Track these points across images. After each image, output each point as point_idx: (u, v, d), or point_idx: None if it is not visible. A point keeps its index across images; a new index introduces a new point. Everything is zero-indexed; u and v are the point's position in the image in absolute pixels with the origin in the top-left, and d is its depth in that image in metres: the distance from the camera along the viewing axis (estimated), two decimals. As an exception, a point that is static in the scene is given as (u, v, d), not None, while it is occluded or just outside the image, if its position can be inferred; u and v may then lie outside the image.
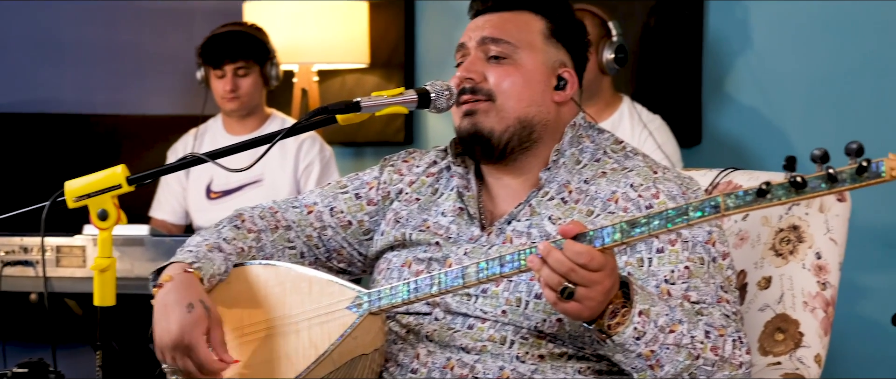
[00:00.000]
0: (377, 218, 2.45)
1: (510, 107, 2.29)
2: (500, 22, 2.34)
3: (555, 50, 2.35)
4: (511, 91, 2.29)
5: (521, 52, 2.31)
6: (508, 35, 2.32)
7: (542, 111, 2.31)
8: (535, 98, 2.31)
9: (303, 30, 4.84)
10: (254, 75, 4.42)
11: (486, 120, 2.29)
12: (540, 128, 2.31)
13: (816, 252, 2.40)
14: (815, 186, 1.74)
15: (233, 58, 4.36)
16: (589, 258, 1.92)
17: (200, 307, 2.14)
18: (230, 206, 4.26)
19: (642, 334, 2.00)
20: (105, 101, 5.41)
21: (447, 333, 2.24)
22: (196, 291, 2.17)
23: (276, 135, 2.17)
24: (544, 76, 2.32)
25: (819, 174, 1.74)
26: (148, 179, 2.18)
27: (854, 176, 1.71)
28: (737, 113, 4.58)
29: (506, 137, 2.29)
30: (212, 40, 4.40)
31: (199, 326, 2.13)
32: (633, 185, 2.25)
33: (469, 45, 2.35)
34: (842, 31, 4.39)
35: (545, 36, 2.35)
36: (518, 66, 2.31)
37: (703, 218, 1.84)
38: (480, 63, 2.32)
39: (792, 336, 2.35)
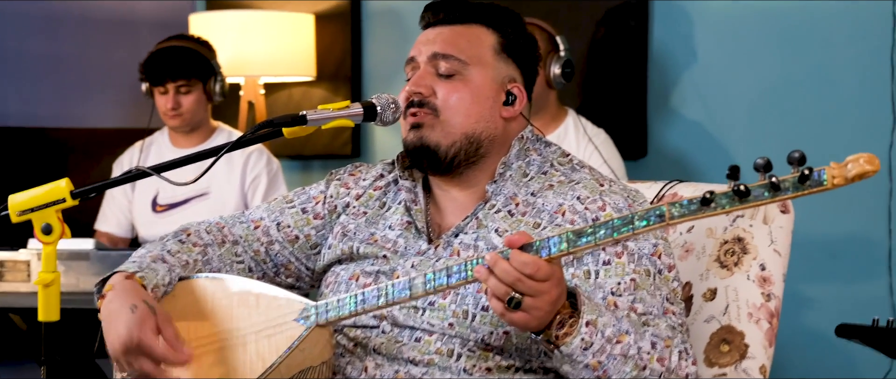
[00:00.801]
0: (324, 232, 2.44)
1: (457, 122, 2.29)
2: (452, 36, 2.34)
3: (505, 65, 2.35)
4: (459, 107, 2.29)
5: (471, 69, 2.31)
6: (459, 51, 2.32)
7: (490, 127, 2.32)
8: (482, 114, 2.31)
9: (249, 42, 4.82)
10: (196, 92, 4.39)
11: (433, 134, 2.30)
12: (487, 143, 2.32)
13: (761, 264, 2.42)
14: (758, 195, 1.76)
15: (174, 76, 4.33)
16: (535, 268, 1.93)
17: (144, 306, 2.13)
18: (176, 219, 4.25)
19: (590, 345, 2.01)
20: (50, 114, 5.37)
21: (395, 345, 2.24)
22: (138, 293, 2.16)
23: (222, 148, 2.17)
24: (493, 92, 2.33)
25: (762, 183, 1.76)
26: (92, 193, 2.16)
27: (796, 184, 1.73)
28: (682, 126, 4.61)
29: (452, 152, 2.30)
30: (154, 57, 4.37)
31: (147, 323, 2.11)
32: (580, 198, 2.26)
33: (419, 59, 2.34)
34: (785, 44, 4.43)
35: (496, 51, 2.34)
36: (467, 82, 2.31)
37: (649, 227, 1.86)
38: (430, 77, 2.32)
39: (737, 347, 2.37)
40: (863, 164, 1.69)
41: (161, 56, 4.36)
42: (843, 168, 1.70)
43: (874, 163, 1.68)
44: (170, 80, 4.33)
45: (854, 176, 1.69)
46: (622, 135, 4.47)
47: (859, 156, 1.69)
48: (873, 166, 1.68)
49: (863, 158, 1.69)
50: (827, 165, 1.71)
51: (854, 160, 1.69)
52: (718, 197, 1.79)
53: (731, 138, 4.53)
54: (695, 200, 1.80)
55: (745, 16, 4.49)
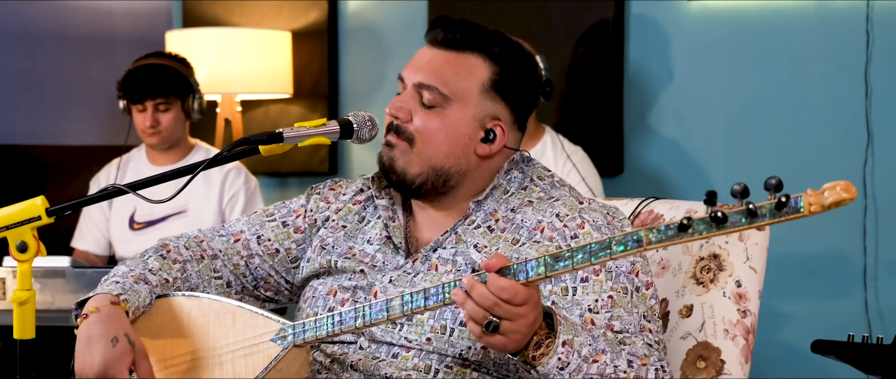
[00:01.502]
0: (304, 246, 2.44)
1: (427, 155, 2.28)
2: (442, 65, 2.29)
3: (491, 103, 2.31)
4: (432, 139, 2.28)
5: (452, 104, 2.27)
6: (443, 84, 2.28)
7: (461, 163, 2.30)
8: (454, 150, 2.29)
9: (226, 60, 4.82)
10: (175, 110, 4.38)
11: (400, 159, 2.29)
12: (456, 177, 2.30)
13: (737, 280, 2.42)
14: (735, 221, 1.76)
15: (153, 94, 4.32)
16: (513, 293, 1.93)
17: (125, 341, 2.12)
18: (154, 236, 4.23)
19: (566, 364, 2.01)
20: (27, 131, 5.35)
21: (372, 362, 2.23)
22: (121, 324, 2.15)
23: (199, 165, 2.17)
24: (470, 130, 2.29)
25: (739, 209, 1.76)
26: (68, 211, 2.16)
27: (773, 211, 1.73)
28: (658, 143, 4.62)
29: (419, 181, 2.29)
30: (132, 74, 4.35)
31: (124, 360, 2.11)
32: (559, 215, 2.26)
33: (407, 81, 2.32)
34: (759, 63, 4.45)
35: (484, 88, 2.30)
36: (444, 116, 2.28)
37: (626, 252, 1.86)
38: (411, 101, 2.30)
39: (713, 364, 2.38)
40: (839, 192, 1.69)
41: (139, 74, 4.35)
42: (820, 196, 1.70)
43: (851, 191, 1.69)
44: (148, 98, 4.32)
45: (830, 204, 1.70)
46: (599, 152, 4.48)
47: (836, 184, 1.70)
48: (850, 194, 1.69)
49: (839, 186, 1.69)
50: (804, 192, 1.72)
51: (831, 188, 1.70)
52: (696, 223, 1.79)
53: (707, 156, 4.55)
54: (672, 226, 1.80)
55: (720, 35, 4.51)
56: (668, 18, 4.57)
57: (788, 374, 4.39)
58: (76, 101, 5.34)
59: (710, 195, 1.77)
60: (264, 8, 5.16)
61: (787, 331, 4.39)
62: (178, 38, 4.88)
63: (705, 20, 4.51)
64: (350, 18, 5.09)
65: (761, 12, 4.42)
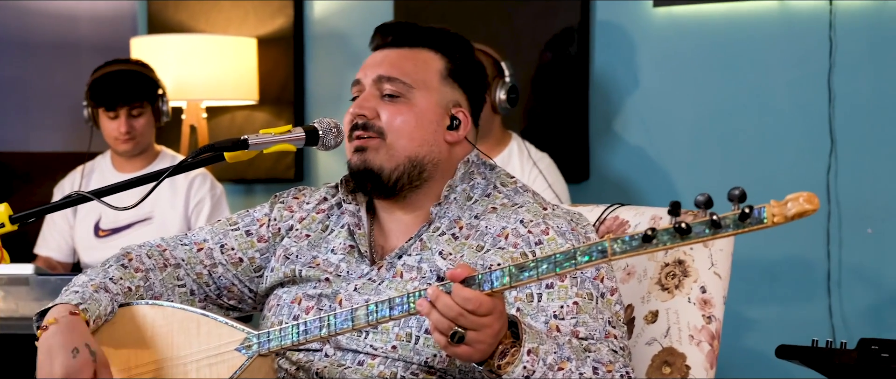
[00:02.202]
0: (268, 255, 2.44)
1: (401, 145, 2.30)
2: (398, 59, 2.34)
3: (450, 90, 2.36)
4: (402, 130, 2.30)
5: (416, 92, 2.31)
6: (404, 74, 2.32)
7: (434, 151, 2.32)
8: (426, 138, 2.31)
9: (191, 66, 4.81)
10: (147, 115, 4.37)
11: (376, 157, 2.30)
12: (430, 167, 2.32)
13: (701, 286, 2.43)
14: (699, 232, 1.77)
15: (127, 100, 4.30)
16: (477, 304, 1.93)
17: (86, 352, 2.11)
18: (119, 244, 4.21)
19: (531, 373, 2.01)
20: (-11, 138, 5.33)
21: (337, 369, 2.23)
22: (81, 334, 2.14)
23: (164, 172, 2.16)
24: (437, 116, 2.33)
25: (703, 220, 1.76)
26: (32, 218, 2.15)
27: (737, 222, 1.74)
28: (623, 150, 4.64)
29: (396, 175, 2.30)
30: (102, 81, 4.32)
31: (85, 371, 2.09)
32: (524, 222, 2.26)
33: (364, 81, 2.35)
34: (725, 70, 4.47)
35: (442, 76, 2.35)
36: (411, 105, 2.31)
37: (591, 262, 1.86)
38: (374, 100, 2.32)
39: (679, 369, 2.38)
40: (802, 204, 1.70)
41: (110, 80, 4.31)
42: (783, 207, 1.71)
43: (813, 202, 1.69)
44: (122, 104, 4.30)
45: (793, 215, 1.71)
46: (565, 158, 4.48)
47: (799, 195, 1.70)
48: (813, 205, 1.69)
49: (802, 197, 1.70)
50: (767, 203, 1.72)
51: (794, 199, 1.71)
52: (660, 234, 1.80)
53: (672, 162, 4.56)
54: (636, 237, 1.81)
55: (685, 41, 4.52)
56: (634, 25, 4.59)
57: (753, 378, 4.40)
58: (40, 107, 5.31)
59: (674, 205, 1.78)
60: (230, 14, 5.15)
61: (752, 336, 4.41)
62: (143, 45, 4.86)
63: (670, 27, 4.53)
64: (316, 25, 5.09)
65: (726, 19, 4.44)
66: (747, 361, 4.38)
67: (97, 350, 2.13)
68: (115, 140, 4.36)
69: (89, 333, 2.16)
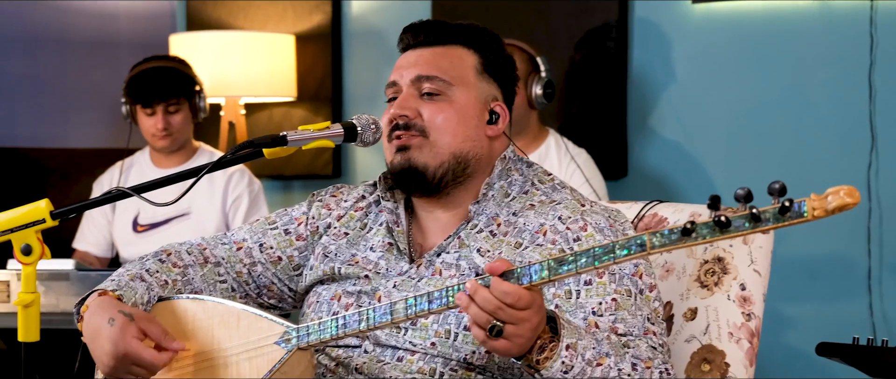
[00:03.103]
0: (306, 253, 2.44)
1: (445, 142, 2.30)
2: (434, 58, 2.35)
3: (487, 85, 2.36)
4: (445, 127, 2.30)
5: (455, 89, 2.32)
6: (442, 72, 2.32)
7: (476, 146, 2.32)
8: (468, 133, 2.31)
9: (230, 63, 4.82)
10: (184, 111, 4.39)
11: (420, 155, 2.30)
12: (474, 162, 2.32)
13: (741, 283, 2.42)
14: (738, 226, 1.76)
15: (164, 96, 4.32)
16: (516, 298, 1.93)
17: (120, 317, 2.13)
18: (158, 239, 4.24)
19: (570, 368, 2.01)
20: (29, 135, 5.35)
21: (376, 365, 2.23)
22: (112, 306, 2.16)
23: (202, 168, 2.17)
24: (477, 111, 2.33)
25: (743, 214, 1.75)
26: (72, 214, 2.16)
27: (777, 216, 1.73)
28: (661, 146, 4.62)
29: (440, 173, 2.30)
30: (139, 77, 4.35)
31: (128, 331, 2.11)
32: (562, 218, 2.26)
33: (401, 82, 2.35)
34: (762, 66, 4.44)
35: (478, 71, 2.36)
36: (451, 102, 2.31)
37: (630, 256, 1.86)
38: (414, 99, 2.32)
39: (718, 367, 2.37)
40: (843, 197, 1.69)
41: (147, 77, 4.34)
42: (824, 200, 1.70)
43: (854, 195, 1.68)
44: (159, 101, 4.32)
45: (834, 208, 1.70)
46: (603, 155, 4.47)
47: (840, 188, 1.69)
48: (853, 199, 1.68)
49: (843, 191, 1.69)
50: (808, 197, 1.71)
51: (834, 192, 1.70)
52: (699, 227, 1.79)
53: (711, 158, 4.54)
54: (676, 230, 1.80)
55: (723, 37, 4.50)
56: (672, 21, 4.57)
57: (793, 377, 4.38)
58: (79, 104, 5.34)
59: (713, 199, 1.77)
60: (268, 11, 5.16)
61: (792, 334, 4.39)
62: (181, 42, 4.88)
63: (709, 23, 4.51)
64: (354, 21, 5.09)
65: (765, 15, 4.42)
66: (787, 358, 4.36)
67: (132, 311, 2.14)
68: (152, 136, 4.38)
69: (121, 304, 2.18)
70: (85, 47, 5.33)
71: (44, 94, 5.36)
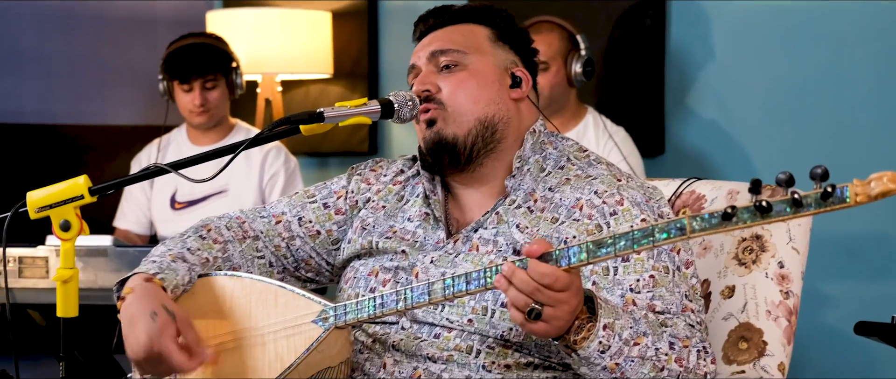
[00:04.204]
0: (345, 227, 2.45)
1: (468, 110, 2.30)
2: (445, 35, 2.38)
3: (503, 52, 2.38)
4: (466, 95, 2.31)
5: (470, 57, 2.34)
6: (455, 44, 2.35)
7: (502, 109, 2.33)
8: (491, 97, 2.32)
9: (266, 40, 4.83)
10: (221, 87, 4.41)
11: (448, 127, 2.30)
12: (502, 126, 2.32)
13: (779, 261, 2.41)
14: (780, 211, 1.74)
15: (201, 72, 4.34)
16: (554, 279, 1.92)
17: (163, 313, 2.12)
18: (195, 216, 4.25)
19: (607, 348, 2.01)
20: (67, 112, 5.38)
21: (414, 342, 2.24)
22: (158, 298, 2.15)
23: (240, 145, 2.17)
24: (497, 76, 2.34)
25: (784, 198, 1.74)
26: (111, 190, 2.17)
27: (819, 201, 1.71)
28: (698, 124, 4.60)
29: (470, 141, 2.30)
30: (176, 54, 4.37)
31: (167, 331, 2.11)
32: (598, 192, 2.25)
33: (419, 64, 2.38)
34: (801, 43, 4.42)
35: (492, 40, 2.38)
36: (469, 70, 2.33)
37: (670, 239, 1.84)
38: (433, 76, 2.34)
39: (756, 345, 2.37)
40: (886, 183, 1.67)
41: (185, 53, 4.36)
42: (867, 186, 1.69)
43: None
44: (196, 77, 4.34)
45: (877, 194, 1.68)
46: (640, 132, 4.46)
47: (883, 174, 1.68)
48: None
49: (886, 177, 1.68)
50: (850, 182, 1.70)
51: (878, 178, 1.68)
52: (740, 212, 1.77)
53: (748, 136, 4.52)
54: (716, 214, 1.79)
55: (761, 15, 4.47)
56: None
57: (831, 355, 4.36)
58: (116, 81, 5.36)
59: (754, 183, 1.75)
60: (304, -12, 5.16)
61: (830, 312, 4.37)
62: (218, 19, 4.89)
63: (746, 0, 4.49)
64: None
65: (804, -8, 4.39)
66: (825, 337, 4.34)
67: (176, 310, 2.14)
68: (189, 113, 4.40)
69: (166, 296, 2.17)
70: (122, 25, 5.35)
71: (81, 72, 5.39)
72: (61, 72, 5.39)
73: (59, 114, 5.39)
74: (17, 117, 5.36)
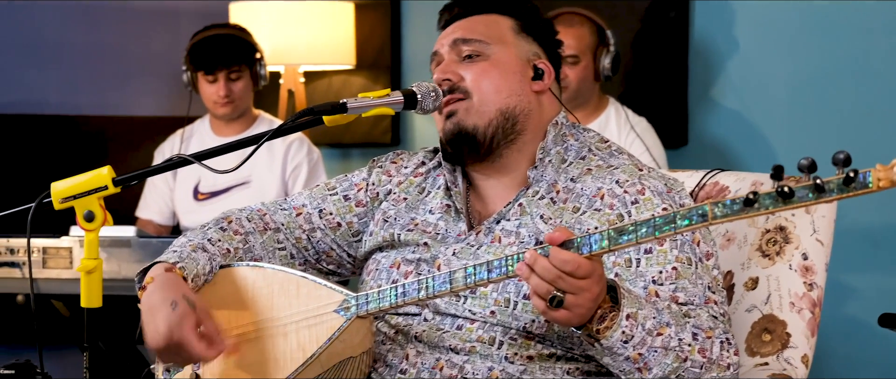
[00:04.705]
0: (366, 219, 2.45)
1: (489, 100, 2.30)
2: (469, 24, 2.38)
3: (526, 43, 2.38)
4: (488, 85, 2.31)
5: (493, 47, 2.33)
6: (479, 33, 2.35)
7: (523, 101, 2.32)
8: (513, 88, 2.32)
9: (289, 31, 4.83)
10: (245, 78, 4.42)
11: (468, 117, 2.30)
12: (522, 118, 2.32)
13: (803, 253, 2.40)
14: (802, 196, 1.74)
15: (226, 63, 4.35)
16: (575, 266, 1.92)
17: (184, 303, 2.13)
18: (218, 207, 4.26)
19: (630, 338, 2.00)
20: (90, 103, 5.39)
21: (436, 333, 2.24)
22: (178, 288, 2.16)
23: (263, 136, 2.17)
24: (519, 67, 2.34)
25: (806, 184, 1.73)
26: (134, 181, 2.17)
27: (841, 186, 1.71)
28: (722, 115, 4.59)
29: (491, 132, 2.30)
30: (202, 44, 4.38)
31: (186, 321, 2.11)
32: (619, 182, 2.25)
33: (442, 51, 2.37)
34: (824, 34, 4.40)
35: (515, 31, 2.38)
36: (492, 60, 2.33)
37: (691, 226, 1.84)
38: (455, 64, 2.34)
39: (779, 337, 2.36)
40: None
41: (210, 44, 4.37)
42: (890, 171, 1.68)
43: None
44: (221, 67, 4.35)
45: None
46: (663, 124, 4.45)
47: None
48: None
49: None
50: (872, 167, 1.69)
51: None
52: (762, 198, 1.77)
53: (772, 128, 4.51)
54: (738, 200, 1.78)
55: (784, 6, 4.46)
56: (734, -11, 4.54)
57: (855, 348, 4.35)
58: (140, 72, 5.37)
59: (776, 170, 1.75)
60: (327, -22, 5.16)
61: (854, 304, 4.35)
62: (241, 10, 4.89)
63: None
64: (412, -11, 5.09)
65: (828, -18, 4.38)
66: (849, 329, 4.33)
67: (196, 300, 2.15)
68: (213, 103, 4.41)
69: (187, 286, 2.18)
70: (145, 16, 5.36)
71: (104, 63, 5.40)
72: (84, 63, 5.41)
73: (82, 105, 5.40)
74: (41, 109, 5.38)
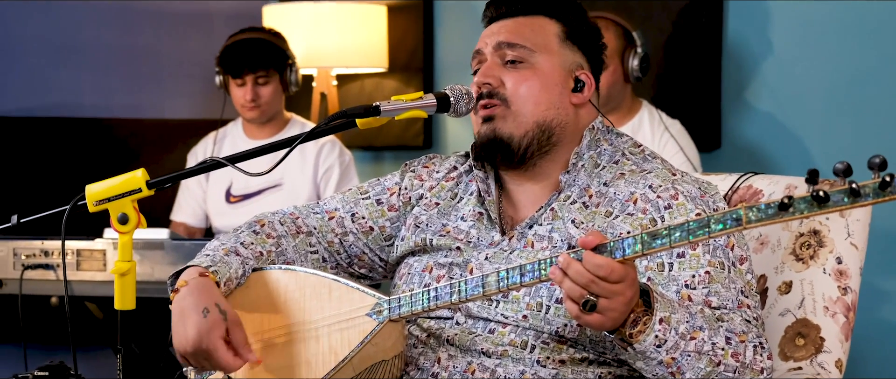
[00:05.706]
0: (398, 224, 2.45)
1: (528, 111, 2.29)
2: (516, 27, 2.35)
3: (571, 52, 2.35)
4: (528, 95, 2.29)
5: (538, 56, 2.31)
6: (524, 39, 2.32)
7: (561, 114, 2.31)
8: (552, 101, 2.30)
9: (322, 34, 4.84)
10: (274, 83, 4.42)
11: (505, 125, 2.29)
12: (559, 131, 2.31)
13: (837, 257, 2.39)
14: (837, 201, 1.73)
15: (253, 67, 4.36)
16: (609, 271, 1.92)
17: (216, 311, 2.13)
18: (250, 210, 4.28)
19: (663, 342, 2.00)
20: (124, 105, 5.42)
21: (468, 337, 2.23)
22: (211, 294, 2.17)
23: (295, 139, 2.18)
24: (561, 79, 2.32)
25: (842, 188, 1.72)
26: (168, 183, 2.18)
27: (877, 191, 1.70)
28: (756, 118, 4.57)
29: (525, 142, 2.29)
30: (231, 48, 4.39)
31: (216, 330, 2.12)
32: (652, 187, 2.24)
33: (485, 51, 2.35)
34: (860, 36, 4.38)
35: (561, 39, 2.35)
36: (535, 69, 2.31)
37: (725, 230, 1.83)
38: (497, 68, 2.32)
39: (813, 341, 2.35)
40: None
41: (239, 48, 4.38)
42: None
43: None
44: (249, 72, 4.36)
45: None
46: (696, 127, 4.44)
47: None
48: None
49: None
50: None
51: None
52: (797, 202, 1.76)
53: (805, 131, 4.49)
54: (773, 205, 1.77)
55: (819, 10, 4.44)
56: (768, -9, 4.52)
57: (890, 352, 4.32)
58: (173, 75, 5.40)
59: (811, 174, 1.74)
60: (360, -18, 5.17)
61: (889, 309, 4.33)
62: (274, 13, 4.91)
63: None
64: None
65: (863, -16, 4.36)
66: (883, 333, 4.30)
67: (227, 309, 2.15)
68: (241, 107, 4.43)
69: (219, 294, 2.19)
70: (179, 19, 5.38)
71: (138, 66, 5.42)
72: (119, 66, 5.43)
73: (116, 107, 5.43)
74: (76, 111, 5.41)
